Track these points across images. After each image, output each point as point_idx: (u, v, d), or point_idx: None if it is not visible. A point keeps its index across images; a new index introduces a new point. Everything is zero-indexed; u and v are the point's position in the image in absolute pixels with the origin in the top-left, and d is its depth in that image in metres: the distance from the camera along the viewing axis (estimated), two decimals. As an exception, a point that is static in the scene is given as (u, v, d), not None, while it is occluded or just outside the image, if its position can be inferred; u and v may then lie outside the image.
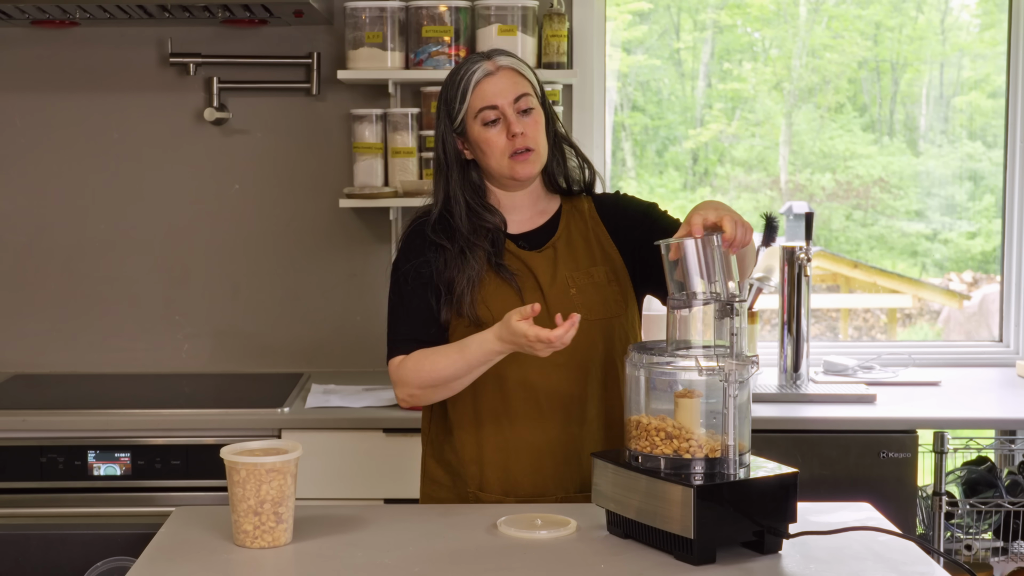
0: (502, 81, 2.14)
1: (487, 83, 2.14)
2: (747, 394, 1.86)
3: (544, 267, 2.17)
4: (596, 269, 2.18)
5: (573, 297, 2.15)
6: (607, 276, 2.19)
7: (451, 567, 1.81)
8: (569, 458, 2.15)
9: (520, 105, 2.14)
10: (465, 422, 2.18)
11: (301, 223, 3.52)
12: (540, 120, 2.17)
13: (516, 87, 2.14)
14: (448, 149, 2.18)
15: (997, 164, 3.84)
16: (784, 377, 3.21)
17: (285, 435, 2.93)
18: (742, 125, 4.84)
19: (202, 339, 3.54)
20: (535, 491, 2.15)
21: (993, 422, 3.06)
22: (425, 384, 2.10)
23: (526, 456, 2.14)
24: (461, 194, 2.17)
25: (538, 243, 2.20)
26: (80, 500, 2.94)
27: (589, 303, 2.15)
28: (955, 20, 4.79)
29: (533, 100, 2.16)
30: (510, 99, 2.13)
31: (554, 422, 2.14)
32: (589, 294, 2.16)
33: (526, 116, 2.14)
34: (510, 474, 2.14)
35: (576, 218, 2.24)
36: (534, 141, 2.14)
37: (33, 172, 3.51)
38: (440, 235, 2.16)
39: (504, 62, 2.16)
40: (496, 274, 2.15)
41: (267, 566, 1.82)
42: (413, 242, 2.19)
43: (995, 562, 3.03)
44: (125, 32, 3.45)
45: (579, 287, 2.16)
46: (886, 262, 5.27)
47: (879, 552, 1.84)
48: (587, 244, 2.21)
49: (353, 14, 3.28)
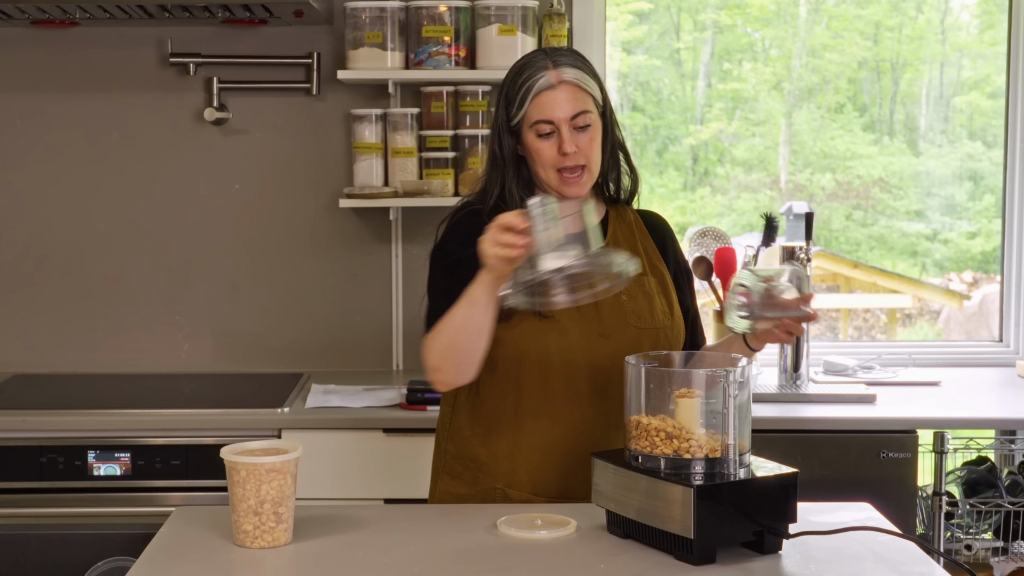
0: (562, 96, 2.07)
1: (546, 96, 2.08)
2: (747, 394, 1.86)
3: None
4: (647, 279, 2.16)
5: (624, 303, 2.12)
6: (657, 287, 2.17)
7: (451, 567, 1.81)
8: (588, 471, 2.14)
9: (577, 122, 2.08)
10: (505, 418, 2.15)
11: (301, 223, 3.52)
12: (597, 136, 2.12)
13: (576, 104, 2.08)
14: (504, 145, 2.14)
15: (997, 164, 3.84)
16: (784, 377, 3.21)
17: (285, 435, 2.93)
18: (742, 125, 4.83)
19: (202, 339, 3.54)
20: (564, 492, 2.14)
21: (993, 422, 3.06)
22: (443, 346, 2.00)
23: (561, 458, 2.13)
24: (517, 191, 2.13)
25: None
26: (80, 500, 2.94)
27: (639, 310, 2.13)
28: (955, 20, 4.79)
29: (592, 116, 2.10)
30: (568, 115, 2.08)
31: (593, 428, 2.13)
32: (639, 301, 2.14)
33: (582, 133, 2.09)
34: (543, 474, 2.13)
35: (622, 226, 2.22)
36: (587, 158, 2.10)
37: (33, 172, 3.51)
38: None
39: (568, 75, 2.08)
40: None
41: (267, 566, 1.82)
42: (469, 224, 2.10)
43: (995, 562, 3.03)
44: (125, 32, 3.45)
45: (629, 293, 2.12)
46: (886, 262, 5.27)
47: (879, 552, 1.84)
48: (635, 253, 2.15)
49: (353, 14, 3.28)
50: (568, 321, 2.10)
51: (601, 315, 2.10)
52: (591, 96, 2.11)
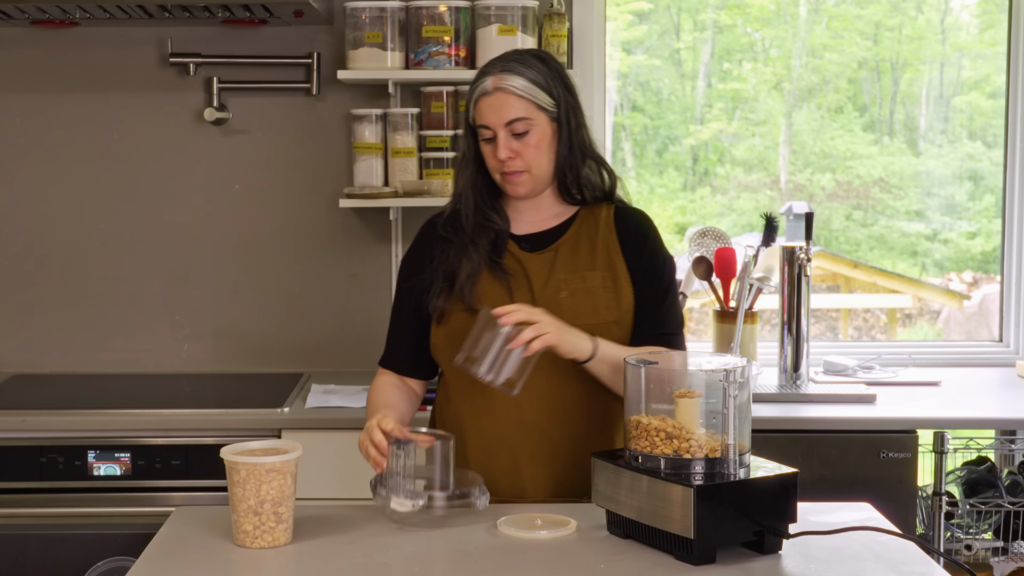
0: (497, 103, 2.13)
1: (484, 102, 2.15)
2: (747, 394, 1.86)
3: (540, 269, 2.17)
4: (593, 274, 2.17)
5: (563, 300, 2.14)
6: (603, 282, 2.17)
7: (451, 567, 1.81)
8: (549, 460, 2.15)
9: (514, 128, 2.13)
10: (459, 419, 2.20)
11: (301, 223, 3.52)
12: (541, 141, 2.15)
13: (508, 111, 2.13)
14: (468, 145, 2.22)
15: (997, 164, 3.84)
16: (784, 377, 3.21)
17: (285, 435, 2.93)
18: (742, 125, 4.84)
19: (202, 339, 3.54)
20: (513, 492, 2.16)
21: (993, 422, 3.06)
22: None
23: (506, 457, 2.15)
24: (471, 193, 2.20)
25: (541, 245, 2.20)
26: (80, 500, 2.94)
27: (578, 308, 2.14)
28: (955, 20, 4.79)
29: (533, 122, 2.13)
30: (502, 122, 2.13)
31: (534, 425, 2.14)
32: (580, 298, 2.15)
33: (520, 139, 2.13)
34: (490, 474, 2.14)
35: (589, 223, 2.23)
36: (525, 163, 2.14)
37: (33, 172, 3.51)
38: (449, 230, 2.22)
39: (507, 83, 2.13)
40: (491, 272, 2.16)
41: (267, 566, 1.82)
42: (423, 236, 2.26)
43: (995, 562, 3.03)
44: (125, 32, 3.45)
45: (571, 290, 2.15)
46: (886, 262, 5.27)
47: (879, 552, 1.84)
48: (592, 249, 2.19)
49: (353, 14, 3.28)
50: None
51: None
52: (532, 103, 2.13)
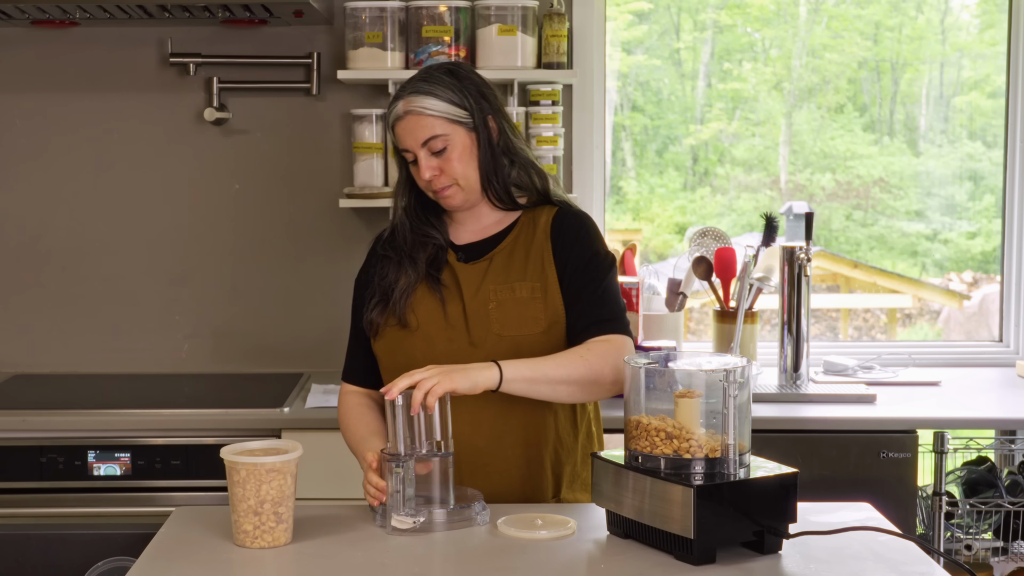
0: (409, 126, 2.13)
1: (398, 127, 2.15)
2: (747, 394, 1.86)
3: (472, 280, 2.16)
4: (522, 284, 2.15)
5: (491, 311, 2.13)
6: (532, 293, 2.14)
7: (451, 567, 1.81)
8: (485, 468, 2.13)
9: (431, 146, 2.13)
10: None
11: (301, 223, 3.52)
12: (462, 153, 2.14)
13: (422, 131, 2.12)
14: (399, 168, 2.23)
15: (997, 164, 3.84)
16: (784, 377, 3.21)
17: (285, 435, 2.93)
18: (742, 125, 4.84)
19: (202, 339, 3.54)
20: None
21: (993, 422, 3.06)
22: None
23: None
24: (404, 215, 2.24)
25: (477, 255, 2.20)
26: (80, 500, 2.94)
27: (504, 318, 2.13)
28: (955, 20, 4.79)
29: (445, 139, 2.12)
30: (418, 143, 2.13)
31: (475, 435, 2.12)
32: (507, 309, 2.13)
33: (440, 155, 2.13)
34: None
35: (528, 231, 2.21)
36: (451, 177, 2.14)
37: (33, 172, 3.51)
38: (388, 248, 2.26)
39: (413, 105, 2.12)
40: (428, 285, 2.18)
41: (267, 566, 1.82)
42: (372, 251, 2.32)
43: (995, 562, 3.03)
44: (125, 32, 3.45)
45: (499, 301, 2.14)
46: (886, 262, 5.27)
47: (879, 552, 1.84)
48: (526, 257, 2.17)
49: (353, 14, 3.28)
50: (434, 331, 2.14)
51: (469, 324, 2.13)
52: (445, 119, 2.13)
